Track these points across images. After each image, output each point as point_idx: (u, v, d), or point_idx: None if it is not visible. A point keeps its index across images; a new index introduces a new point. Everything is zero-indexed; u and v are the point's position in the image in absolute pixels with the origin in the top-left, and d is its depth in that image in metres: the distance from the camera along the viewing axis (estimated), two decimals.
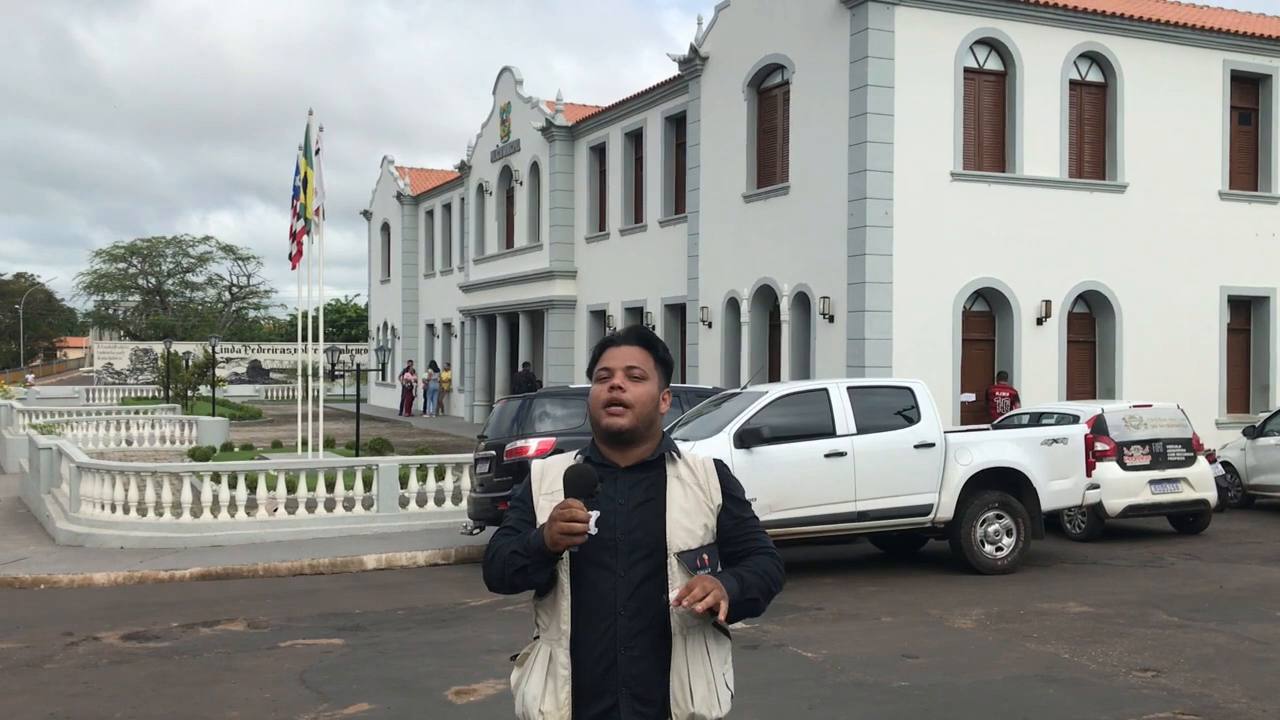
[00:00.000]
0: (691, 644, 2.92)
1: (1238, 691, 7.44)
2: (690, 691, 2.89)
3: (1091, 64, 21.07)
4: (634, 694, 2.89)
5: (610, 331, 23.13)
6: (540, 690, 2.94)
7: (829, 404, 11.81)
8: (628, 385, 2.97)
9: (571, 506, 2.74)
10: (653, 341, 3.07)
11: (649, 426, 3.00)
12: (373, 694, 7.66)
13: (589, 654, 2.90)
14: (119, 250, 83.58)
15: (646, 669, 2.90)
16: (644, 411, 2.97)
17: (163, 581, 12.35)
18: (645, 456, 3.01)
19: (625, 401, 2.95)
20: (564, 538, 2.74)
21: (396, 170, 46.65)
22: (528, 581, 2.91)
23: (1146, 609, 10.14)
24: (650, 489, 2.98)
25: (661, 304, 26.79)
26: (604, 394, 2.98)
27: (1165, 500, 14.33)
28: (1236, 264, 22.08)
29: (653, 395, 2.99)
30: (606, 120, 29.58)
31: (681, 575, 2.89)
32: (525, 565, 2.86)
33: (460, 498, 15.53)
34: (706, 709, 2.92)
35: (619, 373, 2.98)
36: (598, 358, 3.06)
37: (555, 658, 2.93)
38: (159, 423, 28.02)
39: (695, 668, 2.91)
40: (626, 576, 2.90)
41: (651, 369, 3.02)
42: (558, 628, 2.93)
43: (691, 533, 2.93)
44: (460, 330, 39.80)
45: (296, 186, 20.96)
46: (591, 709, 2.91)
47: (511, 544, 2.91)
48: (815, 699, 7.38)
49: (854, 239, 19.34)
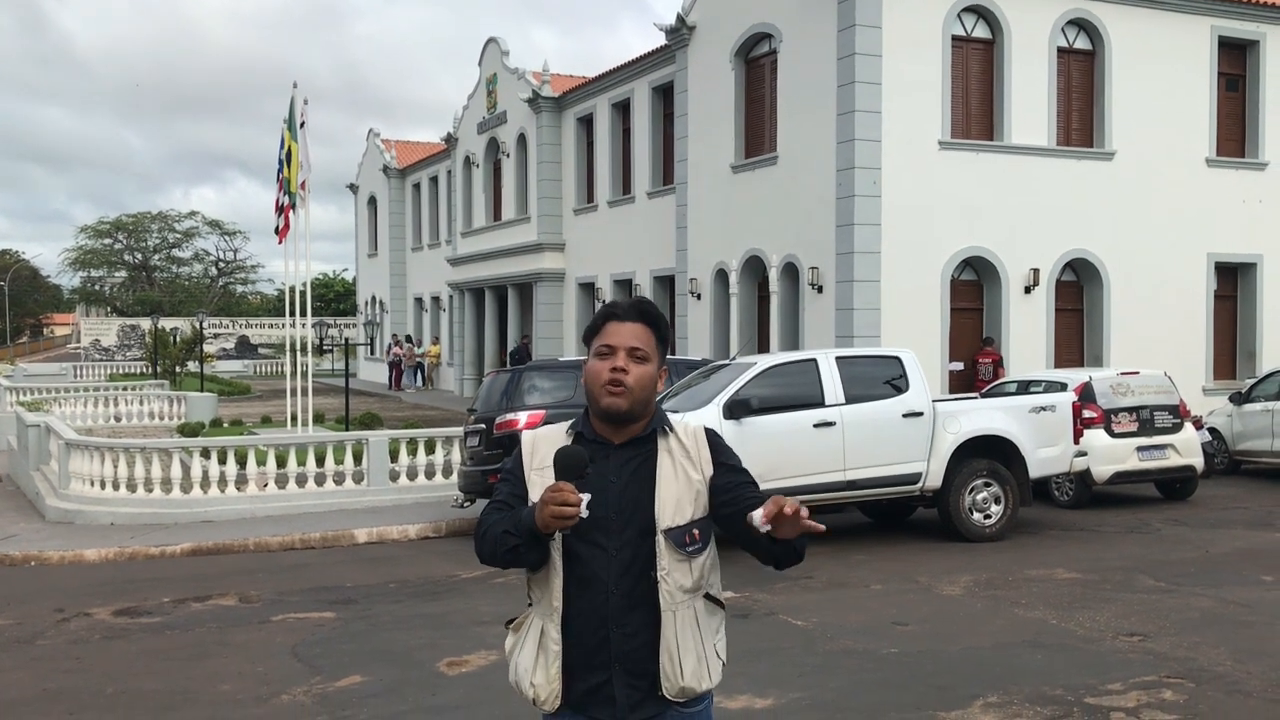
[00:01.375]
0: (681, 618, 2.91)
1: (1223, 654, 7.52)
2: (680, 666, 2.90)
3: (1079, 31, 21.01)
4: (627, 669, 2.90)
5: (600, 304, 22.80)
6: (532, 663, 2.95)
7: (818, 374, 11.84)
8: (630, 367, 2.92)
9: (563, 489, 2.71)
10: (656, 319, 3.02)
11: (646, 406, 2.97)
12: (364, 666, 7.69)
13: (582, 630, 2.90)
14: (105, 226, 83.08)
15: (639, 645, 2.90)
16: (644, 394, 2.94)
17: (153, 557, 12.36)
18: (638, 433, 2.98)
19: (627, 384, 2.91)
20: (555, 520, 2.72)
21: (382, 143, 46.38)
22: (519, 560, 2.90)
23: (1133, 574, 10.22)
24: (641, 466, 2.96)
25: (650, 276, 26.75)
26: (605, 373, 2.93)
27: (1152, 467, 14.41)
28: (1224, 231, 22.11)
29: (653, 376, 2.96)
30: (593, 91, 29.42)
31: (669, 553, 2.88)
32: (517, 545, 2.85)
33: (451, 471, 15.54)
34: (696, 681, 2.92)
35: (621, 353, 2.93)
36: (598, 329, 3.00)
37: (547, 632, 2.93)
38: (147, 399, 27.97)
39: (685, 642, 2.91)
40: (619, 555, 2.89)
41: (654, 348, 2.97)
42: (550, 603, 2.93)
43: (680, 509, 2.91)
44: (449, 304, 39.70)
45: (281, 160, 20.82)
46: (584, 683, 2.92)
47: (503, 522, 2.89)
48: (805, 667, 7.43)
49: (842, 209, 19.31)
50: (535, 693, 2.94)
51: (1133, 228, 21.19)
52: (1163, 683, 6.93)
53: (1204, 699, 6.61)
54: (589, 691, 2.92)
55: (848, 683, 7.09)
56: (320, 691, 7.17)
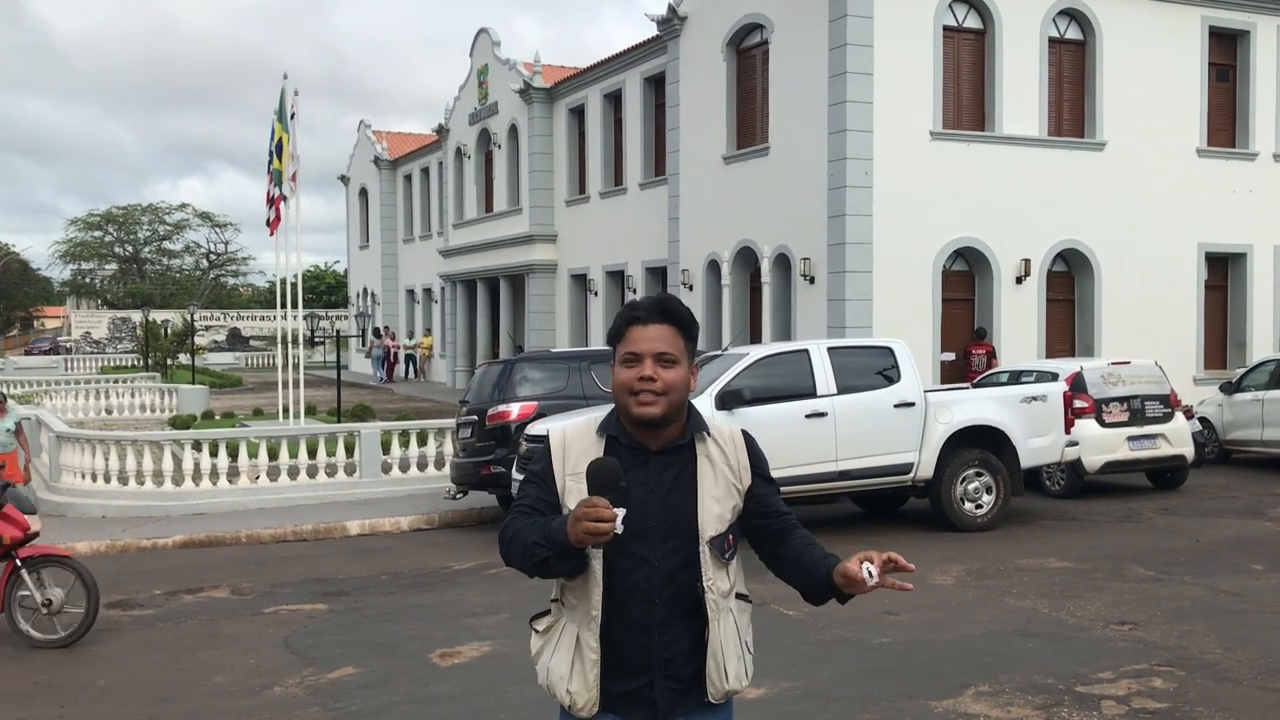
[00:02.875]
0: (724, 624, 2.90)
1: (1213, 643, 7.55)
2: (726, 671, 2.89)
3: (1070, 21, 21.02)
4: (667, 674, 2.86)
5: (592, 295, 22.55)
6: (568, 670, 2.87)
7: (810, 365, 11.85)
8: (659, 373, 2.77)
9: (597, 505, 2.59)
10: (681, 318, 2.85)
11: (680, 410, 2.85)
12: (357, 658, 7.69)
13: (621, 638, 2.83)
14: (95, 218, 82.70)
15: (680, 651, 2.86)
16: (677, 399, 2.81)
17: (145, 550, 12.34)
18: (675, 437, 2.87)
19: (657, 391, 2.78)
20: (589, 538, 2.61)
21: (373, 134, 46.26)
22: (550, 573, 2.81)
23: (1124, 563, 10.26)
24: (681, 473, 2.87)
25: (642, 267, 26.74)
26: (634, 383, 2.78)
27: (1143, 456, 14.46)
28: (1214, 221, 22.16)
29: (685, 379, 2.82)
30: (585, 82, 29.37)
31: (712, 561, 2.85)
32: (548, 558, 2.73)
33: (443, 463, 15.53)
34: (738, 682, 2.95)
35: (649, 360, 2.78)
36: (621, 335, 2.85)
37: (584, 640, 2.84)
38: (139, 391, 27.91)
39: (729, 647, 2.90)
40: (661, 566, 2.81)
41: (682, 349, 2.83)
42: (587, 612, 2.83)
43: (721, 518, 2.87)
44: (440, 295, 39.65)
45: (272, 151, 20.75)
46: (621, 686, 2.86)
47: (533, 532, 2.77)
48: (797, 656, 7.45)
49: (834, 199, 19.32)
50: (572, 700, 2.86)
51: (1124, 218, 21.23)
52: (1153, 671, 6.96)
53: (1194, 687, 6.64)
54: (626, 694, 2.86)
55: (839, 672, 7.11)
56: (312, 683, 7.17)
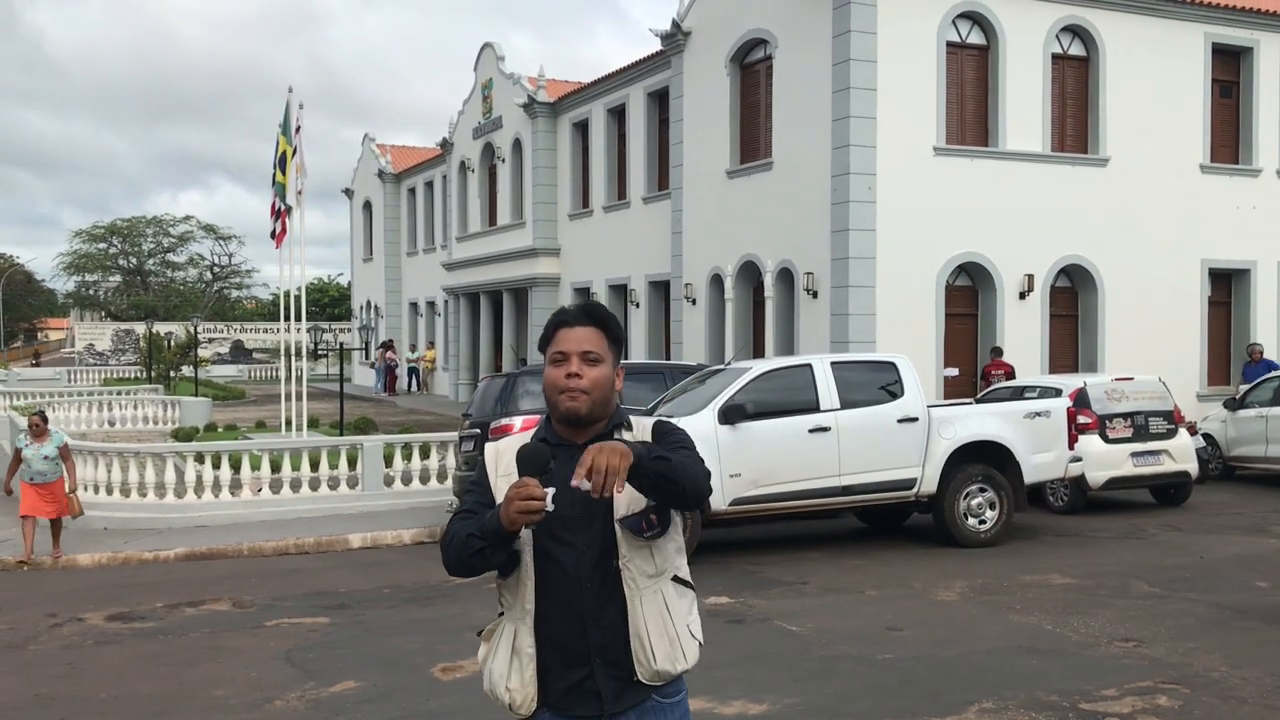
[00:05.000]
0: (648, 603, 2.95)
1: (1218, 660, 7.52)
2: (651, 650, 2.93)
3: (1073, 37, 21.06)
4: (607, 660, 2.93)
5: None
6: (506, 668, 3.00)
7: (813, 379, 11.83)
8: (584, 370, 2.97)
9: (527, 484, 2.76)
10: (606, 320, 3.07)
11: (605, 407, 3.03)
12: (359, 672, 7.67)
13: (558, 629, 2.94)
14: (99, 230, 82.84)
15: (616, 636, 2.93)
16: (600, 395, 2.99)
17: (147, 562, 12.32)
18: (600, 432, 3.03)
19: (582, 388, 2.97)
20: (521, 516, 2.76)
21: (378, 148, 46.34)
22: (486, 564, 2.95)
23: (1128, 580, 10.22)
24: None
25: (645, 281, 26.74)
26: (560, 380, 2.98)
27: (1147, 472, 14.43)
28: (1217, 237, 22.15)
29: (608, 376, 3.01)
30: (589, 96, 29.43)
31: (628, 540, 2.92)
32: (483, 547, 2.89)
33: (445, 476, 15.52)
34: (670, 664, 2.96)
35: (574, 358, 2.99)
36: (550, 337, 3.05)
37: (519, 637, 2.98)
38: (142, 403, 27.92)
39: (654, 626, 2.94)
40: (588, 550, 2.93)
41: (606, 350, 3.02)
42: (521, 607, 2.98)
43: (634, 498, 2.93)
44: (444, 309, 39.68)
45: (277, 164, 20.81)
46: (564, 681, 2.94)
47: (468, 527, 2.94)
48: (800, 672, 7.42)
49: (837, 214, 19.33)
50: (511, 698, 2.98)
51: (1127, 234, 21.22)
52: (1158, 688, 6.92)
53: (1199, 705, 6.61)
54: (569, 689, 2.94)
55: (842, 688, 7.08)
56: (314, 697, 7.15)
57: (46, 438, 12.45)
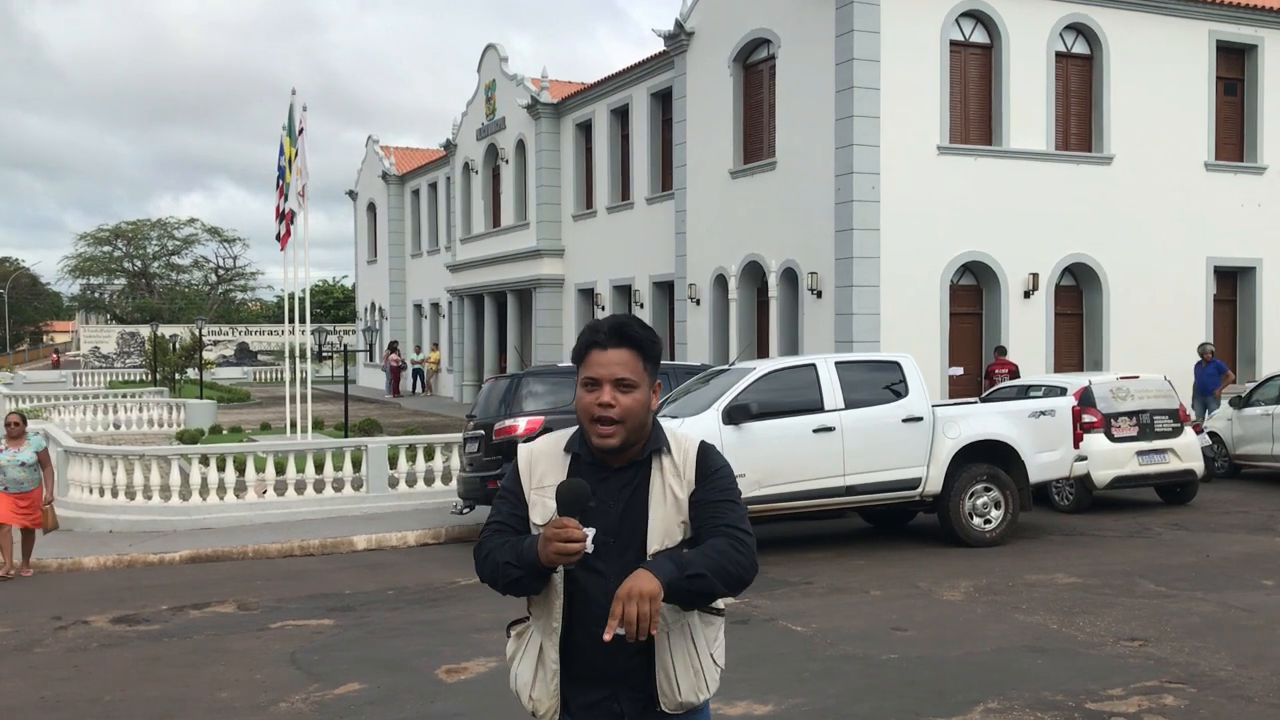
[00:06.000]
0: (675, 636, 2.89)
1: (1224, 660, 7.49)
2: (677, 684, 2.89)
3: (1077, 36, 21.03)
4: (630, 685, 2.90)
5: (600, 310, 22.65)
6: (531, 677, 2.96)
7: (817, 379, 11.81)
8: (617, 399, 2.83)
9: (567, 526, 2.68)
10: (639, 340, 2.90)
11: (639, 432, 2.90)
12: (363, 674, 7.66)
13: (583, 650, 2.89)
14: (104, 233, 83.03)
15: (640, 664, 2.89)
16: (635, 423, 2.87)
17: (152, 564, 12.33)
18: (636, 455, 2.93)
19: (615, 418, 2.84)
20: (560, 558, 2.70)
21: (381, 150, 46.38)
22: (522, 590, 2.89)
23: (1134, 579, 10.19)
24: (637, 490, 2.91)
25: (649, 282, 26.74)
26: (593, 408, 2.85)
27: (1152, 471, 14.39)
28: (1223, 235, 22.12)
29: (643, 402, 2.88)
30: (592, 97, 29.43)
31: None
32: (519, 578, 2.83)
33: (450, 477, 15.52)
34: (694, 695, 2.92)
35: (607, 387, 2.84)
36: (582, 359, 2.91)
37: (545, 651, 2.93)
38: (146, 406, 27.94)
39: (680, 660, 2.89)
40: (618, 579, 2.83)
41: (641, 372, 2.87)
42: (549, 624, 2.91)
43: (669, 533, 2.87)
44: (448, 310, 39.70)
45: (281, 166, 20.83)
46: (588, 697, 2.92)
47: (505, 552, 2.86)
48: (805, 672, 7.41)
49: (841, 214, 19.31)
50: (534, 706, 2.98)
51: (1132, 232, 21.19)
52: (1164, 688, 6.90)
53: (1205, 704, 6.59)
54: (590, 705, 2.93)
55: (847, 688, 7.07)
56: (318, 699, 7.15)
57: (24, 442, 11.50)
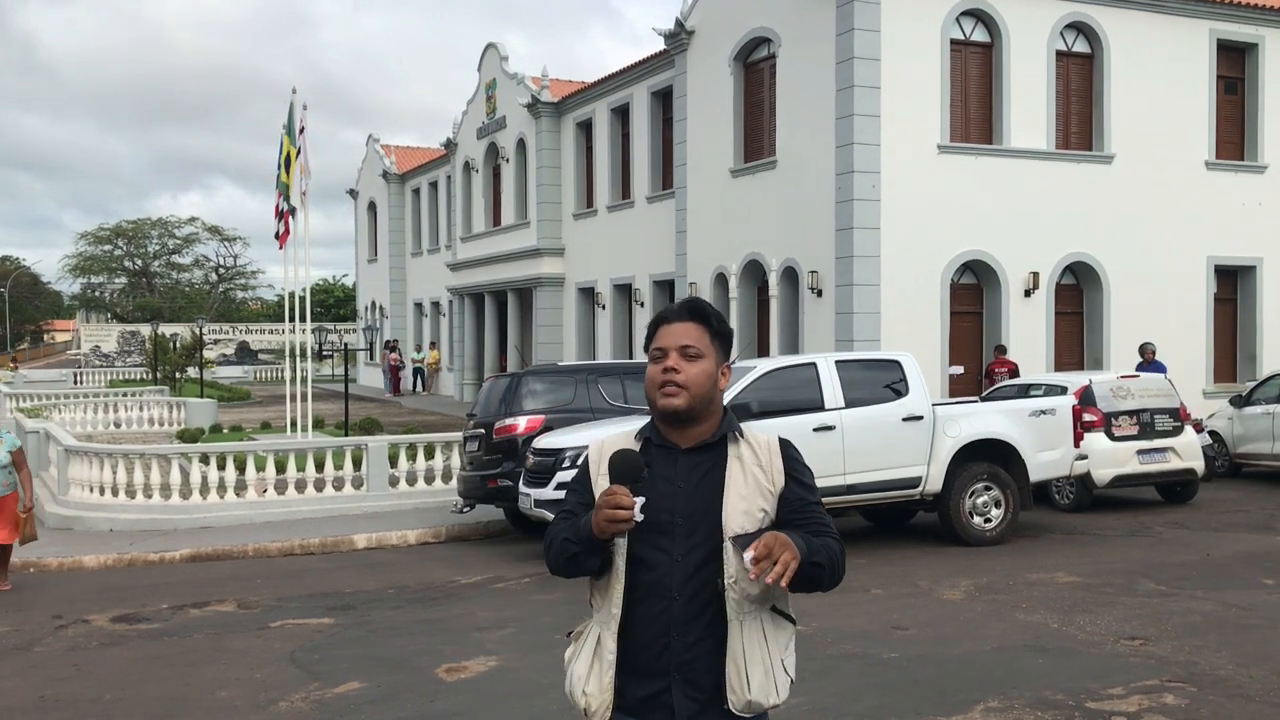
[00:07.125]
0: (748, 629, 2.84)
1: (1225, 658, 7.49)
2: (747, 678, 2.82)
3: (1078, 34, 21.01)
4: (686, 679, 2.84)
5: (600, 309, 22.66)
6: (586, 671, 2.91)
7: (817, 378, 11.82)
8: (683, 365, 2.88)
9: (616, 493, 2.70)
10: (707, 314, 2.97)
11: (707, 405, 2.91)
12: (363, 673, 7.66)
13: (642, 637, 2.85)
14: (104, 232, 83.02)
15: (701, 654, 2.84)
16: (700, 391, 2.88)
17: (152, 563, 12.33)
18: (706, 437, 2.93)
19: (680, 382, 2.86)
20: (609, 525, 2.70)
21: (382, 149, 46.38)
22: (581, 568, 2.87)
23: (1134, 578, 10.19)
24: (711, 471, 2.90)
25: (650, 280, 26.73)
26: (658, 375, 2.89)
27: (1153, 470, 14.38)
28: (1223, 234, 22.10)
29: (709, 373, 2.90)
30: (592, 96, 29.43)
31: (736, 560, 2.80)
32: (577, 553, 2.83)
33: (450, 476, 15.52)
34: (764, 696, 2.84)
35: (673, 353, 2.89)
36: (652, 335, 2.97)
37: (603, 641, 2.89)
38: (147, 405, 27.95)
39: (752, 653, 2.84)
40: (684, 561, 2.82)
41: (708, 345, 2.92)
42: (608, 611, 2.89)
43: (749, 515, 2.84)
44: (448, 309, 39.70)
45: (281, 165, 20.83)
46: (641, 689, 2.86)
47: (565, 530, 2.88)
48: (805, 671, 7.38)
49: (841, 213, 19.30)
50: (587, 702, 2.90)
51: (1132, 231, 21.18)
52: (1164, 687, 6.90)
53: (1205, 703, 6.59)
54: (645, 699, 2.86)
55: (848, 687, 7.07)
56: (318, 698, 7.15)
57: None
